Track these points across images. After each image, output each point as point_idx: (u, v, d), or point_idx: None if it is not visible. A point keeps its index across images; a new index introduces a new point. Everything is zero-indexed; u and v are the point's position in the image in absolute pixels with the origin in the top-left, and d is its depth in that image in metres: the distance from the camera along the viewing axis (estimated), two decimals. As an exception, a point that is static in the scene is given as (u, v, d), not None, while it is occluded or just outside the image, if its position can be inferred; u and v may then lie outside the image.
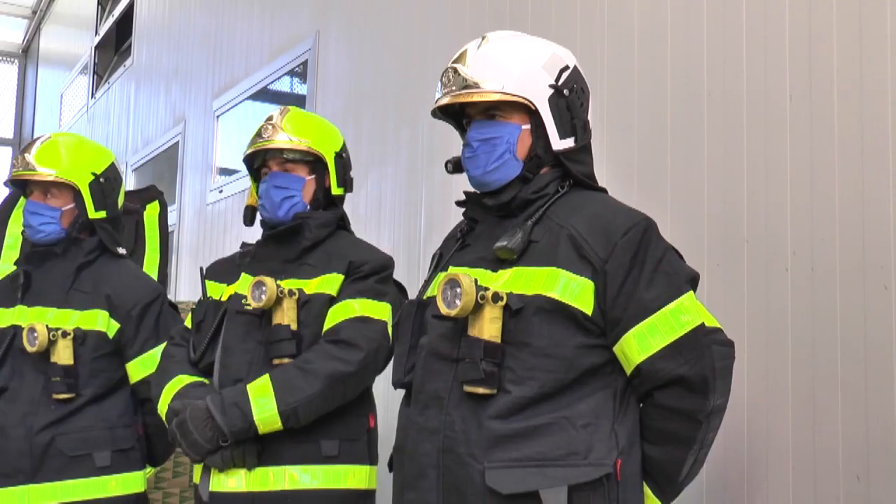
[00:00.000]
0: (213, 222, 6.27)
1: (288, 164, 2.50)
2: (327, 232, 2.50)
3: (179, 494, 3.57)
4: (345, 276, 2.41)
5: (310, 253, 2.46)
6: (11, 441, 2.65)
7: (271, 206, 2.47)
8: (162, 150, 7.68)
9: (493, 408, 1.74)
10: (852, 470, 2.05)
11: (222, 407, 2.27)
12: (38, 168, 2.73)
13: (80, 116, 11.04)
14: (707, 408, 1.73)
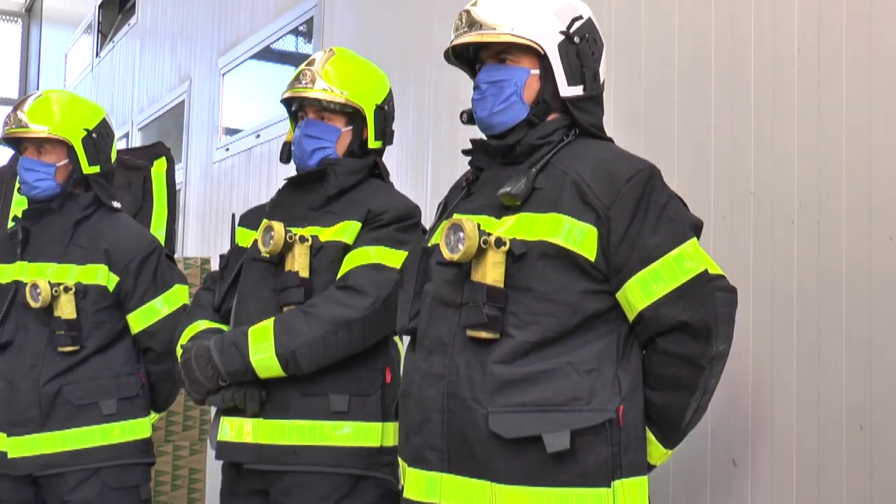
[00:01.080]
0: (219, 181, 6.27)
1: (325, 112, 2.43)
2: (355, 180, 2.42)
3: (189, 447, 3.61)
4: (362, 224, 2.35)
5: (336, 201, 2.40)
6: (20, 392, 2.70)
7: (301, 155, 2.42)
8: (168, 109, 7.67)
9: (497, 353, 1.75)
10: (855, 420, 2.06)
11: (221, 347, 2.28)
12: (30, 125, 2.75)
13: (84, 76, 11.01)
14: (709, 353, 1.74)
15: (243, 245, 2.53)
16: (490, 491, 1.75)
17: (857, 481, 2.05)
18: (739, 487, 2.33)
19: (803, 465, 2.17)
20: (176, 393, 2.95)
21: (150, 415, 2.85)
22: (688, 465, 2.44)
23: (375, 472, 2.33)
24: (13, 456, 2.70)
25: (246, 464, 2.35)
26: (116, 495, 2.73)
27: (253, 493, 2.42)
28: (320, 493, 2.29)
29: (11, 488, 2.75)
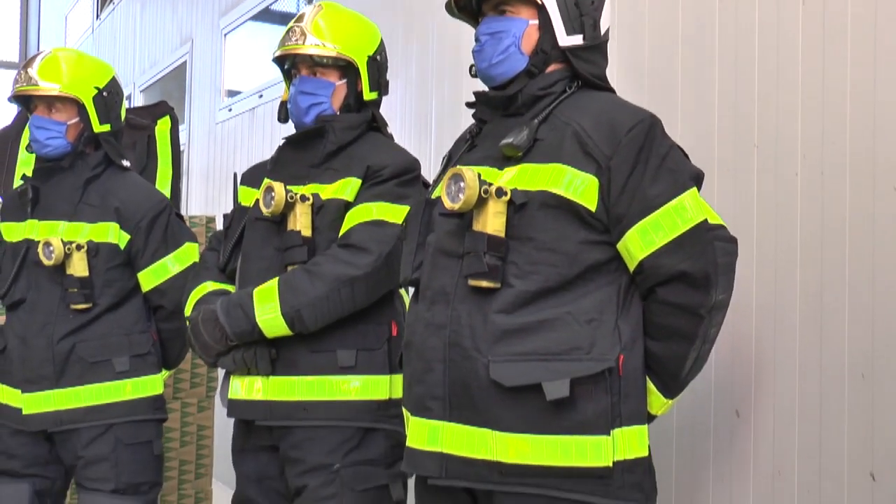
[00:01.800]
0: (223, 141, 6.27)
1: (317, 67, 2.43)
2: (354, 135, 2.42)
3: (197, 404, 3.66)
4: (362, 180, 2.36)
5: (335, 157, 2.41)
6: (34, 350, 2.73)
7: (298, 113, 2.43)
8: (170, 71, 7.64)
9: (498, 302, 1.77)
10: (857, 369, 2.09)
11: (227, 308, 2.31)
12: (41, 83, 2.75)
13: (85, 38, 10.95)
14: (709, 303, 1.76)
15: (246, 204, 2.55)
16: (491, 439, 1.78)
17: (859, 430, 2.08)
18: (742, 438, 2.36)
19: (805, 414, 2.20)
20: (186, 351, 2.98)
21: (161, 372, 2.89)
22: (691, 415, 2.48)
23: (384, 424, 2.36)
24: (28, 412, 2.74)
25: (257, 421, 2.38)
26: (130, 451, 2.77)
27: (263, 449, 2.46)
28: (330, 446, 2.33)
29: (26, 444, 2.80)
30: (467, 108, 2.01)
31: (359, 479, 2.33)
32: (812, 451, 2.18)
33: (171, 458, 3.53)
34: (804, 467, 2.20)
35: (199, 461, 3.66)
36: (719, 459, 2.42)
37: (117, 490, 2.75)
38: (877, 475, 2.04)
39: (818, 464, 2.17)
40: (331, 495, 2.32)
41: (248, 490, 2.49)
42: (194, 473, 3.65)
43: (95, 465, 2.74)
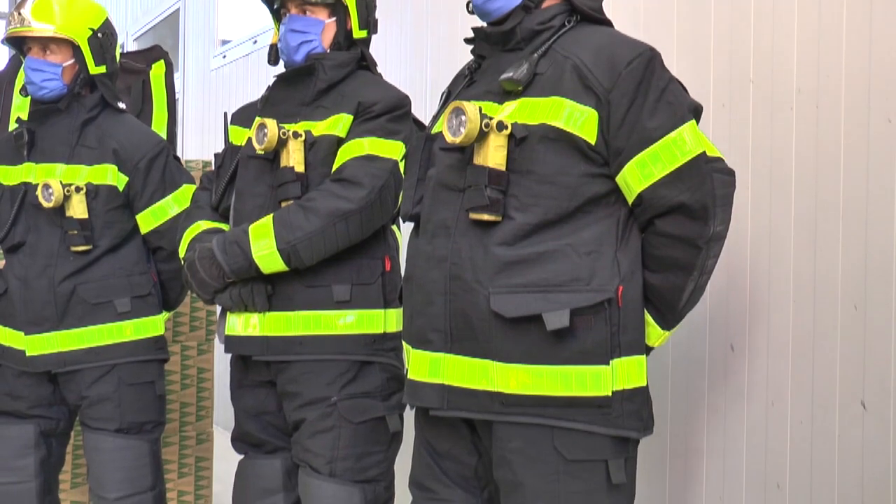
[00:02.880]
0: (217, 89, 6.25)
1: (307, 6, 2.44)
2: (344, 73, 2.44)
3: (197, 347, 3.69)
4: (354, 116, 2.38)
5: (326, 95, 2.42)
6: (35, 292, 2.75)
7: (288, 51, 2.44)
8: (162, 19, 7.58)
9: (499, 234, 1.79)
10: (850, 299, 2.12)
11: (223, 246, 2.33)
12: (34, 24, 2.73)
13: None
14: (707, 234, 1.77)
15: (237, 143, 2.56)
16: (491, 370, 1.80)
17: (851, 360, 2.12)
18: (737, 371, 2.39)
19: (799, 346, 2.23)
20: (186, 291, 3.00)
21: (162, 313, 2.91)
22: (686, 349, 2.51)
23: (380, 358, 2.40)
24: (31, 354, 2.76)
25: (254, 356, 2.42)
26: (132, 391, 2.80)
27: (261, 384, 2.50)
28: (327, 379, 2.36)
29: (31, 385, 2.83)
30: (466, 44, 2.01)
31: (356, 411, 2.37)
32: (805, 382, 2.22)
33: (171, 400, 3.56)
34: (797, 398, 2.24)
35: (199, 403, 3.69)
36: (714, 392, 2.46)
37: (121, 429, 2.79)
38: (867, 404, 2.08)
39: (810, 394, 2.21)
40: (328, 428, 2.36)
41: (247, 425, 2.54)
42: (195, 416, 3.68)
43: (99, 405, 2.78)
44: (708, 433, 2.47)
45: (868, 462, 2.08)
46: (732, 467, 2.40)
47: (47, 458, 2.88)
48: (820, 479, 2.19)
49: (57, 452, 2.93)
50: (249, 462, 2.57)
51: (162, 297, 2.93)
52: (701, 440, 2.48)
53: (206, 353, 3.70)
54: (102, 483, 2.79)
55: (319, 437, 2.37)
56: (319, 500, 2.38)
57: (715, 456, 2.45)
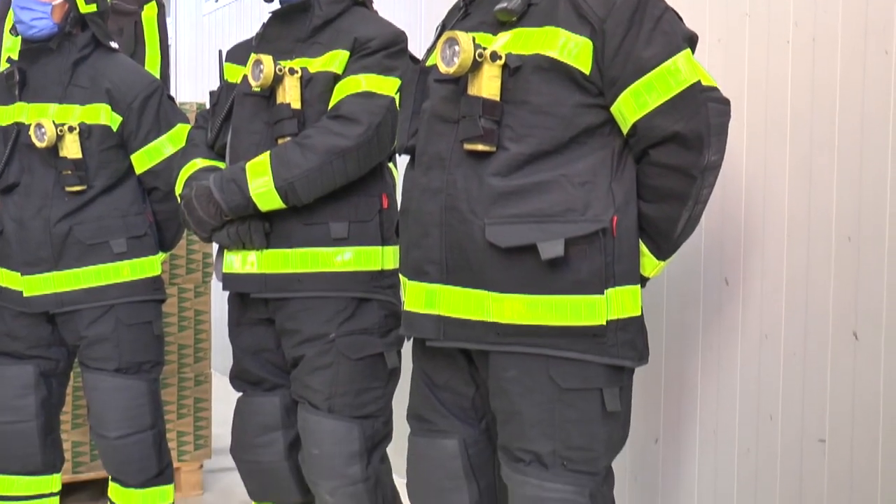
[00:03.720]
0: (210, 33, 6.19)
1: None
2: (339, 9, 2.42)
3: (194, 290, 3.70)
4: (350, 52, 2.36)
5: (321, 31, 2.40)
6: (31, 232, 2.75)
7: None
8: (153, -38, 7.47)
9: (493, 165, 1.79)
10: (843, 232, 2.13)
11: (221, 184, 2.33)
12: None
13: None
14: (702, 163, 1.77)
15: (232, 81, 2.55)
16: (487, 300, 1.81)
17: (844, 291, 2.13)
18: (730, 305, 2.41)
19: (792, 280, 2.25)
20: (182, 232, 3.01)
21: (158, 253, 2.91)
22: (680, 284, 2.53)
23: (378, 295, 2.41)
24: (28, 294, 2.77)
25: (252, 293, 2.43)
26: (130, 331, 2.82)
27: (259, 322, 2.52)
28: (325, 316, 2.38)
29: (29, 326, 2.85)
30: None
31: (354, 347, 2.39)
32: (798, 315, 2.24)
33: (169, 342, 3.58)
34: (790, 331, 2.26)
35: (197, 345, 3.72)
36: (708, 328, 2.48)
37: (120, 369, 2.81)
38: (859, 334, 2.10)
39: (803, 327, 2.23)
40: (327, 364, 2.38)
41: (246, 363, 2.56)
42: (193, 357, 3.71)
43: (98, 345, 2.80)
44: (702, 367, 2.49)
45: (859, 392, 2.11)
46: (726, 400, 2.43)
47: (48, 398, 2.91)
48: (811, 410, 2.22)
49: (57, 392, 2.96)
50: (248, 400, 2.60)
51: (158, 238, 2.93)
52: (695, 374, 2.51)
53: (202, 296, 3.72)
54: (103, 422, 2.82)
55: (318, 373, 2.39)
56: (318, 435, 2.41)
57: (709, 389, 2.48)
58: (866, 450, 2.10)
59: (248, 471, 2.63)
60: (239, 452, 2.63)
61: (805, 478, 2.24)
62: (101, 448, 2.87)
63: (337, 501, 2.43)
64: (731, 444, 2.42)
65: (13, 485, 2.93)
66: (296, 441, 2.54)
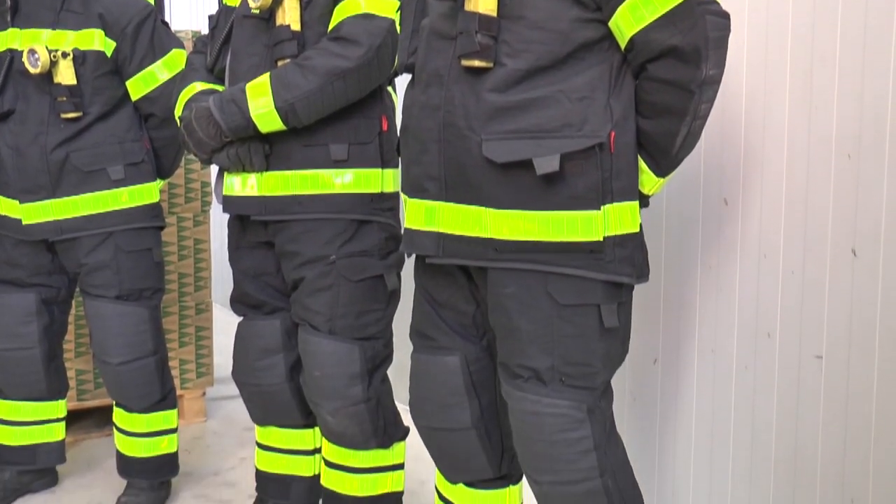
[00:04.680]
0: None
1: None
2: None
3: (193, 219, 3.70)
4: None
5: None
6: (28, 160, 2.74)
7: None
8: None
9: (490, 81, 1.78)
10: (844, 150, 2.12)
11: (221, 104, 2.31)
12: None
13: None
14: (699, 78, 1.75)
15: (231, 4, 2.51)
16: (485, 216, 1.81)
17: (843, 209, 2.13)
18: (730, 225, 2.41)
19: (792, 198, 2.25)
20: (180, 159, 3.00)
21: (156, 180, 2.91)
22: (679, 204, 2.53)
23: (378, 217, 2.42)
24: (27, 222, 2.78)
25: (252, 216, 2.43)
26: (130, 258, 2.83)
27: (259, 245, 2.52)
28: (325, 238, 2.38)
29: (28, 254, 2.86)
30: None
31: (354, 269, 2.40)
32: (797, 233, 2.24)
33: (169, 271, 3.60)
34: (789, 249, 2.27)
35: (197, 274, 3.73)
36: (707, 248, 2.48)
37: (121, 296, 2.83)
38: (858, 251, 2.11)
39: (802, 245, 2.23)
40: (328, 286, 2.39)
41: (246, 286, 2.57)
42: (193, 286, 3.73)
43: (98, 273, 2.81)
44: (701, 287, 2.51)
45: (856, 309, 2.12)
46: (724, 319, 2.44)
47: (50, 325, 2.93)
48: (809, 328, 2.24)
49: (59, 320, 2.98)
50: (249, 323, 2.61)
51: (156, 165, 2.92)
52: (694, 294, 2.52)
53: (202, 225, 3.72)
54: (105, 348, 2.85)
55: (318, 295, 2.40)
56: (319, 357, 2.43)
57: (707, 309, 2.49)
58: (863, 366, 2.12)
59: (250, 394, 2.67)
60: (240, 376, 2.65)
61: (802, 394, 2.26)
62: (104, 374, 2.90)
63: (338, 422, 2.46)
64: (729, 362, 2.44)
65: (20, 410, 2.97)
66: (297, 364, 2.56)
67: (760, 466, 2.38)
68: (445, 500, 2.24)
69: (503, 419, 2.08)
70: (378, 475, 2.54)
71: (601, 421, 1.88)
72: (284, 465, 2.70)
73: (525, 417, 1.86)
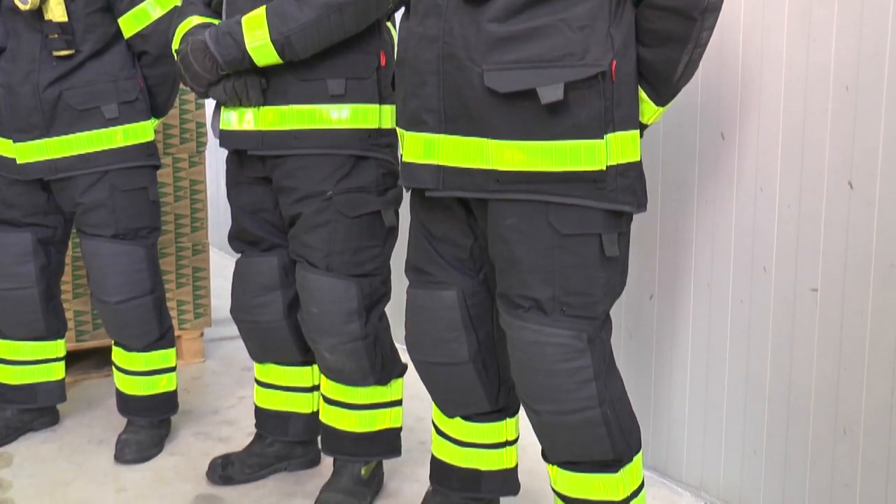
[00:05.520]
0: None
1: None
2: None
3: (188, 159, 3.69)
4: None
5: None
6: (20, 98, 2.72)
7: None
8: None
9: (491, 11, 1.76)
10: (841, 81, 2.12)
11: (216, 37, 2.30)
12: None
13: None
14: (702, 4, 1.73)
15: None
16: (486, 147, 1.81)
17: (840, 141, 2.14)
18: (727, 159, 2.42)
19: (789, 131, 2.25)
20: (174, 97, 2.98)
21: (151, 119, 2.89)
22: (676, 138, 2.53)
23: (375, 153, 2.41)
24: (22, 162, 2.76)
25: (249, 150, 2.42)
26: (126, 197, 2.82)
27: (256, 181, 2.52)
28: (322, 174, 2.38)
29: (24, 194, 2.85)
30: None
31: (352, 205, 2.39)
32: (793, 166, 2.25)
33: (166, 212, 3.59)
34: (785, 182, 2.27)
35: (193, 215, 3.72)
36: (703, 182, 2.49)
37: (117, 235, 2.82)
38: (854, 183, 2.11)
39: (799, 177, 2.24)
40: (325, 222, 2.39)
41: (244, 222, 2.57)
42: (190, 227, 3.72)
43: (94, 212, 2.80)
44: (697, 221, 2.51)
45: (852, 242, 2.14)
46: (720, 253, 2.46)
47: (47, 265, 2.93)
48: (804, 261, 2.25)
49: (56, 260, 2.98)
50: (247, 260, 2.62)
51: (150, 104, 2.90)
52: (690, 229, 2.53)
53: (197, 165, 3.71)
54: (103, 287, 2.85)
55: (315, 231, 2.40)
56: (317, 293, 2.43)
57: (704, 243, 2.50)
58: (857, 298, 2.14)
59: (248, 331, 2.68)
60: (239, 313, 2.67)
61: (797, 327, 2.28)
62: (102, 314, 2.91)
63: (336, 359, 2.47)
64: (725, 296, 2.46)
65: (19, 350, 2.98)
66: (294, 301, 2.57)
67: (755, 399, 2.41)
68: (443, 434, 2.27)
69: (500, 352, 2.10)
70: (376, 411, 2.56)
71: (601, 351, 1.90)
72: (283, 402, 2.73)
73: (525, 347, 1.87)
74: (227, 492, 2.71)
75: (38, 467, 2.86)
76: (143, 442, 2.94)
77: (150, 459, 2.93)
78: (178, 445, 3.03)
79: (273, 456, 2.79)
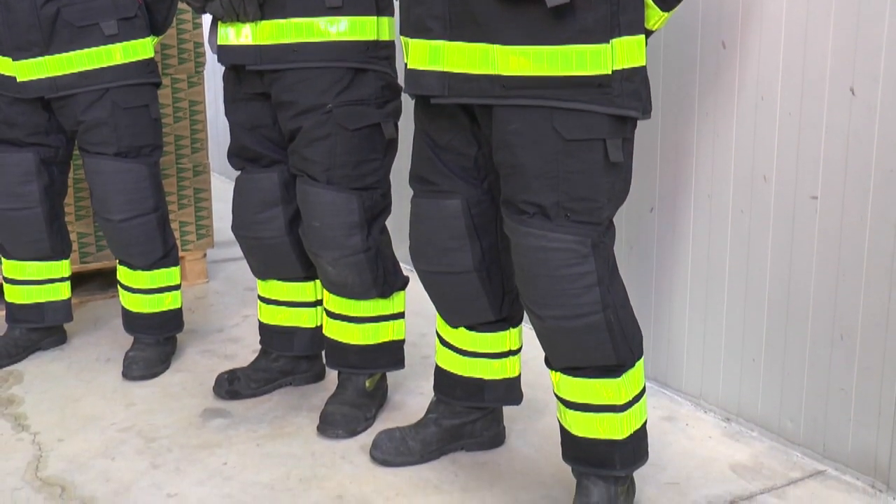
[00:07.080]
0: None
1: None
2: None
3: (187, 80, 3.67)
4: None
5: None
6: (18, 14, 2.69)
7: None
8: None
9: None
10: None
11: None
12: None
13: None
14: None
15: None
16: (492, 53, 1.81)
17: (842, 49, 2.13)
18: (728, 68, 2.41)
19: (790, 39, 2.24)
20: (172, 15, 2.95)
21: (150, 36, 2.87)
22: (677, 48, 2.52)
23: (374, 66, 2.40)
24: (22, 79, 2.75)
25: (247, 65, 2.41)
26: (127, 114, 2.81)
27: (255, 97, 2.51)
28: (321, 87, 2.37)
29: (25, 113, 2.84)
30: None
31: (351, 118, 2.39)
32: (795, 74, 2.25)
33: (166, 133, 3.58)
34: (786, 91, 2.27)
35: (193, 136, 3.72)
36: (704, 92, 2.48)
37: (119, 153, 2.82)
38: (856, 89, 2.11)
39: (800, 85, 2.24)
40: (325, 135, 2.39)
41: (243, 139, 2.57)
42: (190, 148, 3.72)
43: (95, 130, 2.80)
44: (697, 132, 2.52)
45: (852, 149, 2.15)
46: (721, 164, 2.47)
47: (50, 184, 2.94)
48: (805, 169, 2.26)
49: (59, 180, 2.99)
50: (247, 177, 2.62)
51: (149, 21, 2.88)
52: (691, 140, 2.54)
53: (196, 86, 3.69)
54: (106, 205, 2.86)
55: (316, 144, 2.40)
56: (318, 207, 2.44)
57: (704, 154, 2.51)
58: (857, 204, 2.15)
59: (250, 248, 2.70)
60: (240, 230, 2.68)
61: (796, 235, 2.31)
62: (106, 232, 2.92)
63: (338, 272, 2.49)
64: (725, 206, 2.48)
65: (26, 270, 3.00)
66: (296, 216, 2.58)
67: (754, 307, 2.44)
68: (447, 344, 2.30)
69: (505, 261, 2.12)
70: (379, 324, 2.59)
71: (605, 257, 1.92)
72: (287, 318, 2.76)
73: (530, 253, 1.89)
74: (233, 406, 2.75)
75: (49, 384, 2.91)
76: (150, 359, 2.98)
77: (158, 376, 2.97)
78: (184, 363, 3.08)
79: (278, 371, 2.83)
